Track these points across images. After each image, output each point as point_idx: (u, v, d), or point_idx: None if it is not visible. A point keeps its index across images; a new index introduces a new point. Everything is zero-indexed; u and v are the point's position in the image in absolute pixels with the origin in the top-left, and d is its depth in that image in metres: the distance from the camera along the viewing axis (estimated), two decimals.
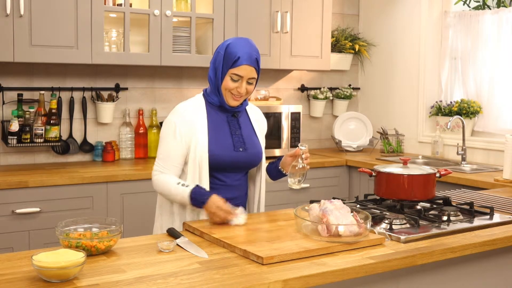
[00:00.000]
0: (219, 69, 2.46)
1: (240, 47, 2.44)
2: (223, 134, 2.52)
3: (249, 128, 2.62)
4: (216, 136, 2.49)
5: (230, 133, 2.54)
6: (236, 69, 2.42)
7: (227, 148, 2.50)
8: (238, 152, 2.52)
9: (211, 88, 2.53)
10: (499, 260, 2.38)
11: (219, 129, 2.52)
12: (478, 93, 4.48)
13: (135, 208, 3.65)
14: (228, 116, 2.56)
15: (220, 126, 2.53)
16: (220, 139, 2.50)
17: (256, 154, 2.60)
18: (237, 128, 2.56)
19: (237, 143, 2.53)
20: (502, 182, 3.47)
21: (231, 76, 2.44)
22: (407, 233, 2.19)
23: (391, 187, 2.56)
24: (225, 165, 2.49)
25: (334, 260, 1.91)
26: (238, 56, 2.41)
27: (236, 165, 2.54)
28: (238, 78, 2.44)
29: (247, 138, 2.58)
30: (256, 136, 2.64)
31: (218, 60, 2.47)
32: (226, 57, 2.44)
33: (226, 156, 2.49)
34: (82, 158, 4.13)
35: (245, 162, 2.56)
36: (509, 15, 4.23)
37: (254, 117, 2.68)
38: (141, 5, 4.01)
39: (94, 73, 4.14)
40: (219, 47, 2.50)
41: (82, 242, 1.90)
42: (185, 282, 1.69)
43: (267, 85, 4.82)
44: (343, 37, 5.03)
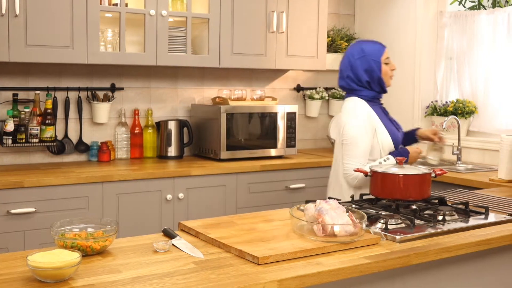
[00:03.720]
0: (372, 66, 2.99)
1: (370, 42, 3.08)
2: (389, 123, 3.04)
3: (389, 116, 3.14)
4: (388, 126, 3.00)
5: (390, 120, 3.08)
6: (385, 54, 3.02)
7: (396, 132, 3.03)
8: (400, 132, 3.09)
9: (360, 86, 3.02)
10: (494, 260, 2.38)
11: (385, 119, 3.03)
12: (473, 93, 4.49)
13: (130, 208, 3.65)
14: (381, 106, 3.10)
15: (383, 117, 3.04)
16: (390, 127, 3.01)
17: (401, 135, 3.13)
18: (387, 114, 3.11)
19: (396, 126, 3.09)
20: (497, 182, 3.48)
21: (385, 62, 3.01)
22: (402, 233, 2.19)
23: (386, 187, 2.56)
24: (398, 145, 3.01)
25: (329, 260, 1.92)
26: (379, 45, 3.05)
27: (399, 143, 3.04)
28: (389, 61, 3.04)
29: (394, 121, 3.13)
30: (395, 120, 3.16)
31: (366, 62, 2.99)
32: (372, 54, 3.00)
33: (399, 139, 3.03)
34: (78, 158, 4.13)
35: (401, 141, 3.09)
36: (504, 15, 4.24)
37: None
38: (136, 5, 4.01)
39: (90, 73, 4.14)
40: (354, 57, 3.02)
41: (77, 242, 1.90)
42: (180, 282, 1.69)
43: (263, 85, 4.82)
44: (339, 37, 5.03)
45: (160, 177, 3.74)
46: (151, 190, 3.71)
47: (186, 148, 4.42)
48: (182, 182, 3.81)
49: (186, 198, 3.83)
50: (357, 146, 2.91)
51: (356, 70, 3.01)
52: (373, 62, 2.99)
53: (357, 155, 2.90)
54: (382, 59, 3.00)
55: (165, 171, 3.80)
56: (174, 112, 4.47)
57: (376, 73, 3.00)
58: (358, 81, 3.02)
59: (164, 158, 4.27)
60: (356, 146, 2.91)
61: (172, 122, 4.30)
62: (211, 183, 3.91)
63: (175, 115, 4.47)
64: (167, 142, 4.28)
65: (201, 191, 3.88)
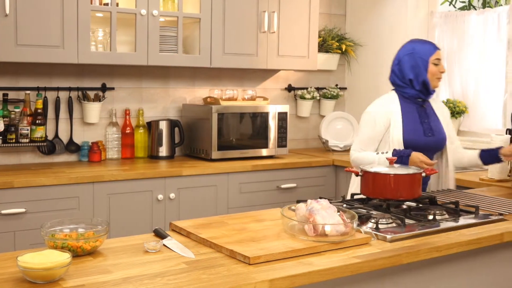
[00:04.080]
0: (419, 65, 3.03)
1: (423, 42, 3.12)
2: (414, 122, 3.05)
3: (434, 117, 3.14)
4: (408, 123, 3.03)
5: (420, 121, 3.07)
6: (435, 55, 3.04)
7: (419, 134, 3.04)
8: (428, 137, 3.06)
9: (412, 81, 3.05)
10: (485, 259, 2.39)
11: (412, 118, 3.05)
12: (464, 93, 4.51)
13: (121, 208, 3.64)
14: (417, 106, 3.10)
15: (412, 116, 3.06)
16: (412, 126, 3.04)
17: (442, 139, 3.12)
18: (425, 116, 3.09)
19: (426, 129, 3.06)
20: (487, 181, 3.49)
21: (433, 62, 3.02)
22: (393, 232, 2.20)
23: (377, 186, 2.57)
24: (416, 148, 2.95)
25: (320, 260, 1.92)
26: (431, 45, 3.08)
27: (426, 148, 3.00)
28: (438, 62, 3.04)
29: (433, 125, 3.10)
30: (440, 123, 3.14)
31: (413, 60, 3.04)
32: (420, 53, 3.04)
33: (418, 141, 3.02)
34: (68, 158, 4.12)
35: (433, 146, 3.08)
36: (494, 16, 4.26)
37: (436, 106, 3.19)
38: (127, 5, 4.00)
39: (81, 73, 4.12)
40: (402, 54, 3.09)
41: (68, 243, 1.89)
42: (172, 282, 1.69)
43: (254, 85, 4.83)
44: (330, 37, 5.04)
45: (151, 177, 3.74)
46: (142, 190, 3.71)
47: (177, 148, 4.41)
48: (173, 182, 3.80)
49: (177, 198, 3.82)
50: (361, 132, 3.14)
51: (402, 66, 3.08)
52: (420, 60, 3.04)
53: (359, 139, 3.14)
54: (431, 59, 3.03)
55: (156, 171, 3.79)
56: (165, 112, 4.47)
57: (421, 72, 3.04)
58: (402, 77, 3.09)
59: (155, 158, 4.26)
60: (361, 131, 3.14)
61: (163, 122, 4.29)
62: (202, 183, 3.91)
63: (166, 115, 4.46)
64: (158, 142, 4.28)
65: (192, 191, 3.87)
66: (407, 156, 2.90)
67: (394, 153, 2.93)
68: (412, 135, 3.03)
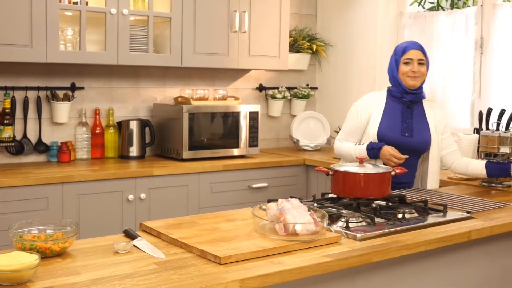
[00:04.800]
0: (393, 64, 3.13)
1: (406, 42, 3.18)
2: (394, 120, 3.10)
3: (421, 120, 3.16)
4: (387, 120, 3.10)
5: (401, 120, 3.10)
6: (406, 54, 3.08)
7: (395, 132, 3.08)
8: (404, 137, 3.09)
9: (390, 81, 3.17)
10: (453, 257, 2.43)
11: (392, 116, 3.11)
12: (432, 93, 4.56)
13: (91, 209, 3.61)
14: (403, 106, 3.14)
15: (394, 114, 3.12)
16: (390, 124, 3.09)
17: (422, 142, 3.12)
18: (408, 117, 3.12)
19: (405, 129, 3.09)
20: (456, 180, 3.54)
21: (404, 61, 3.08)
22: (363, 231, 2.22)
23: (347, 185, 2.59)
24: (391, 145, 2.99)
25: (291, 259, 1.93)
26: (405, 46, 3.12)
27: (401, 148, 3.01)
28: (409, 62, 3.07)
29: (416, 126, 3.12)
30: (427, 127, 3.15)
31: (391, 60, 3.15)
32: (396, 53, 3.13)
33: (392, 138, 3.05)
34: (37, 158, 4.07)
35: (409, 147, 3.08)
36: (462, 16, 4.32)
37: (430, 111, 3.21)
38: (97, 4, 3.96)
39: (49, 72, 4.07)
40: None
41: (36, 244, 1.87)
42: (142, 283, 1.68)
43: (225, 84, 4.82)
44: (301, 37, 5.06)
45: (122, 178, 3.71)
46: (112, 190, 3.68)
47: (148, 148, 4.39)
48: (144, 182, 3.78)
49: (148, 199, 3.80)
50: (345, 122, 3.26)
51: (388, 66, 3.20)
52: (394, 59, 3.14)
53: (343, 129, 3.27)
54: (402, 58, 3.10)
55: (127, 171, 3.77)
56: (136, 112, 4.44)
57: (394, 70, 3.14)
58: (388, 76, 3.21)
59: (125, 158, 4.24)
60: (345, 122, 3.27)
61: (134, 122, 4.27)
62: (173, 183, 3.90)
63: (136, 114, 4.43)
64: (128, 142, 4.25)
65: (163, 191, 3.86)
66: (378, 148, 3.00)
67: (369, 145, 3.03)
68: (387, 132, 3.08)
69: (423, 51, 3.13)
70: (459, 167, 3.24)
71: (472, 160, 3.25)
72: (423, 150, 3.16)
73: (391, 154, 2.94)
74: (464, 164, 3.22)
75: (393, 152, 2.95)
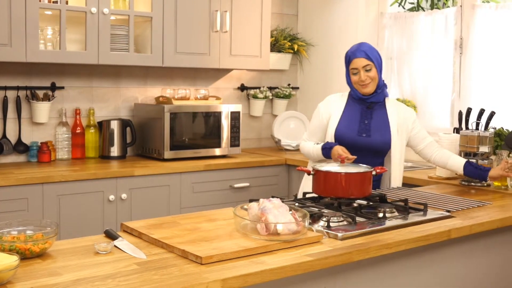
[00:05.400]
0: (346, 73, 3.14)
1: (351, 48, 3.11)
2: (352, 120, 3.11)
3: (382, 120, 3.13)
4: (345, 121, 3.11)
5: (360, 121, 3.10)
6: (351, 64, 3.07)
7: (352, 132, 3.09)
8: (361, 137, 3.08)
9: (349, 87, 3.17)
10: (433, 255, 2.45)
11: (351, 117, 3.12)
12: (413, 93, 4.60)
13: (72, 209, 3.58)
14: (363, 107, 3.13)
15: (353, 115, 3.12)
16: (347, 124, 3.10)
17: (381, 142, 3.10)
18: (368, 117, 3.11)
19: (362, 130, 3.08)
20: (436, 179, 3.57)
21: (351, 71, 3.08)
22: (344, 230, 2.23)
23: (328, 185, 2.60)
24: (347, 145, 3.00)
25: (272, 259, 1.93)
26: (349, 55, 3.09)
27: (358, 147, 3.03)
28: (356, 71, 3.05)
29: (374, 127, 3.10)
30: (388, 127, 3.12)
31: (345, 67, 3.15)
32: (345, 61, 3.13)
33: (348, 139, 3.06)
34: (17, 159, 4.03)
35: (367, 146, 3.07)
36: (441, 17, 4.35)
37: (393, 110, 3.17)
38: (77, 3, 3.94)
39: (29, 72, 4.04)
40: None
41: (15, 245, 1.85)
42: (123, 284, 1.67)
43: (207, 84, 4.82)
44: (282, 37, 5.07)
45: (103, 178, 3.69)
46: (93, 191, 3.66)
47: (129, 148, 4.37)
48: (125, 182, 3.76)
49: (129, 199, 3.78)
50: (310, 123, 3.33)
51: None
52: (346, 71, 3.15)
53: (308, 129, 3.34)
54: (349, 67, 3.10)
55: (108, 171, 3.75)
56: (117, 112, 4.42)
57: (347, 79, 3.16)
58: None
59: (106, 158, 4.21)
60: (310, 122, 3.34)
61: (115, 122, 4.24)
62: (155, 183, 3.88)
63: (117, 114, 4.41)
64: (109, 142, 4.23)
65: (145, 191, 3.84)
66: (330, 148, 3.03)
67: (323, 145, 3.08)
68: (343, 132, 3.10)
69: (368, 55, 3.04)
70: (439, 160, 3.23)
71: (453, 155, 3.23)
72: (384, 149, 3.12)
73: (339, 154, 2.90)
74: (445, 157, 3.21)
75: (341, 152, 2.93)
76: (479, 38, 4.12)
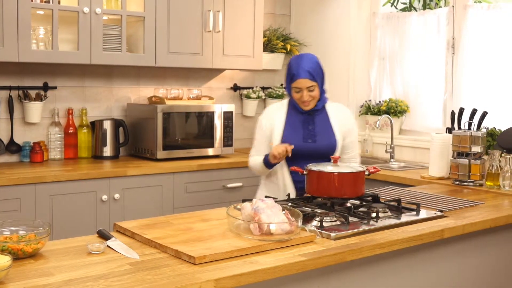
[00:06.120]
0: (287, 85, 3.05)
1: (296, 65, 2.99)
2: (295, 128, 3.05)
3: (325, 124, 3.08)
4: (289, 129, 3.04)
5: (302, 127, 3.05)
6: (294, 83, 2.98)
7: (297, 139, 3.01)
8: (307, 143, 3.02)
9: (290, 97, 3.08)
10: (426, 255, 2.45)
11: (294, 124, 3.06)
12: (405, 93, 4.61)
13: (64, 209, 3.57)
14: (305, 114, 3.07)
15: (296, 121, 3.06)
16: (292, 132, 3.04)
17: (327, 145, 3.04)
18: (311, 123, 3.06)
19: (307, 136, 3.03)
20: (428, 179, 3.58)
21: (294, 89, 3.00)
22: (337, 230, 2.23)
23: (321, 185, 2.60)
24: (294, 153, 2.92)
25: (266, 258, 1.93)
26: (293, 74, 2.98)
27: (305, 154, 2.96)
28: (299, 90, 2.97)
29: (319, 131, 3.05)
30: (331, 130, 3.07)
31: (286, 79, 3.07)
32: (287, 76, 3.04)
33: (294, 146, 2.94)
34: (9, 159, 4.01)
35: (314, 152, 3.00)
36: (434, 17, 4.36)
37: (334, 114, 3.12)
38: (69, 2, 3.92)
39: (21, 72, 4.03)
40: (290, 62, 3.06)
41: (8, 245, 1.85)
42: (115, 284, 1.67)
43: (200, 84, 4.81)
44: (275, 37, 5.07)
45: (95, 178, 3.68)
46: (86, 191, 3.65)
47: (122, 148, 4.36)
48: (117, 182, 3.76)
49: (122, 199, 3.78)
50: (254, 137, 3.22)
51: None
52: (287, 83, 3.06)
53: (253, 145, 3.22)
54: (292, 85, 3.00)
55: (100, 171, 3.74)
56: (109, 112, 4.40)
57: (288, 91, 3.08)
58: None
59: (99, 158, 4.20)
60: (254, 137, 3.22)
61: (107, 122, 4.23)
62: (148, 183, 3.88)
63: (110, 114, 4.40)
64: (102, 142, 4.22)
65: (137, 192, 3.84)
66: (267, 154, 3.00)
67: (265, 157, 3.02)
68: (289, 140, 3.00)
69: (312, 76, 2.98)
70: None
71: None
72: (330, 153, 3.01)
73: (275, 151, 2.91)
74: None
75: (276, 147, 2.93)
76: (471, 38, 4.13)
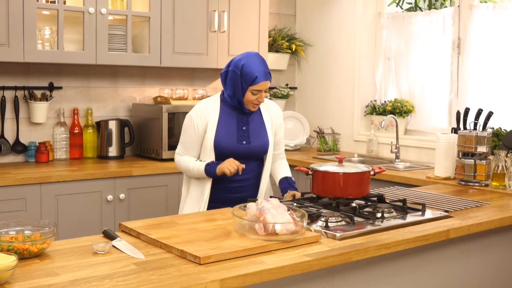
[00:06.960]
0: (238, 87, 2.87)
1: (254, 66, 2.85)
2: (229, 128, 2.93)
3: (259, 123, 3.02)
4: (222, 130, 2.92)
5: (237, 128, 2.95)
6: (255, 86, 2.84)
7: (232, 141, 2.92)
8: (241, 145, 2.93)
9: (230, 96, 2.93)
10: (431, 255, 2.45)
11: (228, 124, 2.94)
12: (410, 93, 4.60)
13: (70, 209, 3.58)
14: (238, 113, 2.97)
15: (230, 122, 2.94)
16: (226, 133, 2.92)
17: (260, 146, 2.99)
18: (245, 123, 2.96)
19: (241, 137, 2.94)
20: (434, 179, 3.57)
21: (252, 91, 2.86)
22: (343, 230, 2.23)
23: (327, 185, 2.60)
24: (228, 155, 2.89)
25: (271, 259, 1.93)
26: (256, 76, 2.83)
27: (239, 156, 2.91)
28: (258, 92, 2.86)
29: (253, 132, 2.97)
30: (265, 129, 3.02)
31: (235, 79, 2.87)
32: (244, 77, 2.85)
33: (229, 148, 2.91)
34: (15, 159, 4.02)
35: (248, 154, 2.95)
36: (439, 17, 4.35)
37: (267, 112, 3.06)
38: (75, 3, 3.93)
39: (27, 72, 4.04)
40: (232, 66, 2.89)
41: (13, 245, 1.85)
42: (121, 284, 1.67)
43: (205, 84, 4.81)
44: (280, 37, 5.07)
45: (101, 178, 3.69)
46: (91, 191, 3.65)
47: (127, 148, 4.37)
48: (123, 182, 3.76)
49: (127, 199, 3.78)
50: (183, 135, 3.01)
51: (227, 78, 2.92)
52: (241, 83, 2.85)
53: (181, 142, 3.01)
54: (251, 87, 2.83)
55: (106, 171, 3.74)
56: (115, 112, 4.41)
57: (238, 93, 2.87)
58: (224, 83, 2.95)
59: (104, 158, 4.21)
60: (182, 135, 3.02)
61: (113, 122, 4.24)
62: (153, 183, 3.88)
63: (115, 114, 4.41)
64: (107, 142, 4.22)
65: (143, 191, 3.84)
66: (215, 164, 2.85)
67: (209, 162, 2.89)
68: (223, 142, 2.91)
69: (270, 77, 2.91)
70: (274, 170, 3.14)
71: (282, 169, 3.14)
72: (263, 153, 3.01)
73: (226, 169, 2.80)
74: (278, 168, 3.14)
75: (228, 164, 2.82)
76: (477, 38, 4.12)
